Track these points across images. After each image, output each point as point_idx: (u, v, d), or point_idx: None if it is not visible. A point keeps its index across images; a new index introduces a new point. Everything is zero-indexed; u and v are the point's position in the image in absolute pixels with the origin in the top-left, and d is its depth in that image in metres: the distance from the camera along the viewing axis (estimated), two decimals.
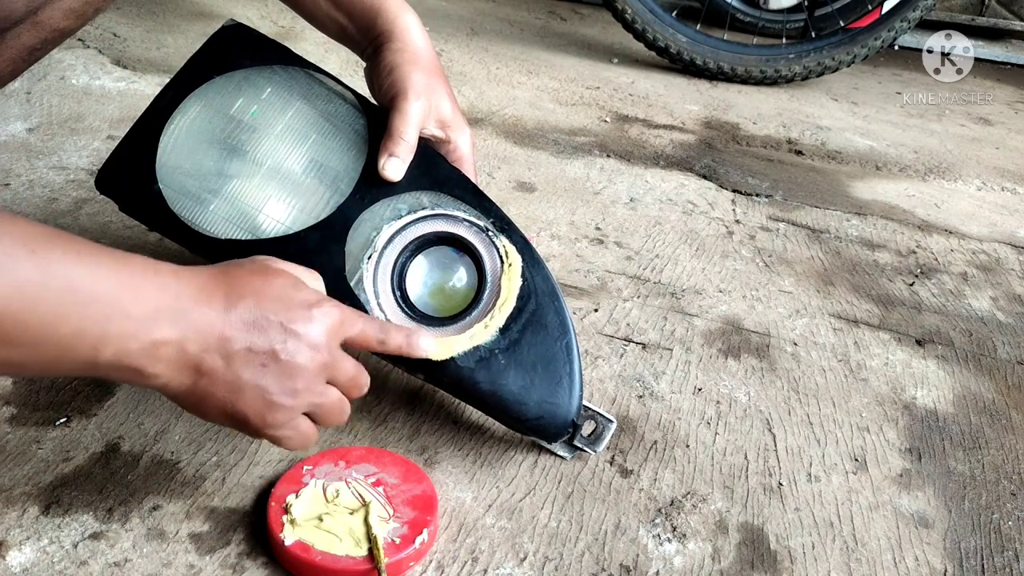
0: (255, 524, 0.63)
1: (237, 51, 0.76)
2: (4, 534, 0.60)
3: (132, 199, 0.73)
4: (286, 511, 0.61)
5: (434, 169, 0.74)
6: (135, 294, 0.49)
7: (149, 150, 0.73)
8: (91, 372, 0.49)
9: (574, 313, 0.96)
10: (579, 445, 0.72)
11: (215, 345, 0.52)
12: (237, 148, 0.72)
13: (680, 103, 1.84)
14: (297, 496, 0.62)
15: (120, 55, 1.67)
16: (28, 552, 0.59)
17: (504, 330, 0.69)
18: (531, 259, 0.72)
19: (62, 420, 0.71)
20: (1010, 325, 1.04)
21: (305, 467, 0.66)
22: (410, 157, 0.72)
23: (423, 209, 0.72)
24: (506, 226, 0.73)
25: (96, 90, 1.47)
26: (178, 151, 0.73)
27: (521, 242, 0.72)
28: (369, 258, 0.70)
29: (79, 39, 1.70)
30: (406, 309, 0.70)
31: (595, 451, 0.72)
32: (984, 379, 0.92)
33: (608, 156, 1.47)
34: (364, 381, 0.61)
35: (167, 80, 0.75)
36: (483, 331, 0.69)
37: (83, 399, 0.74)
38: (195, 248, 0.73)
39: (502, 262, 0.71)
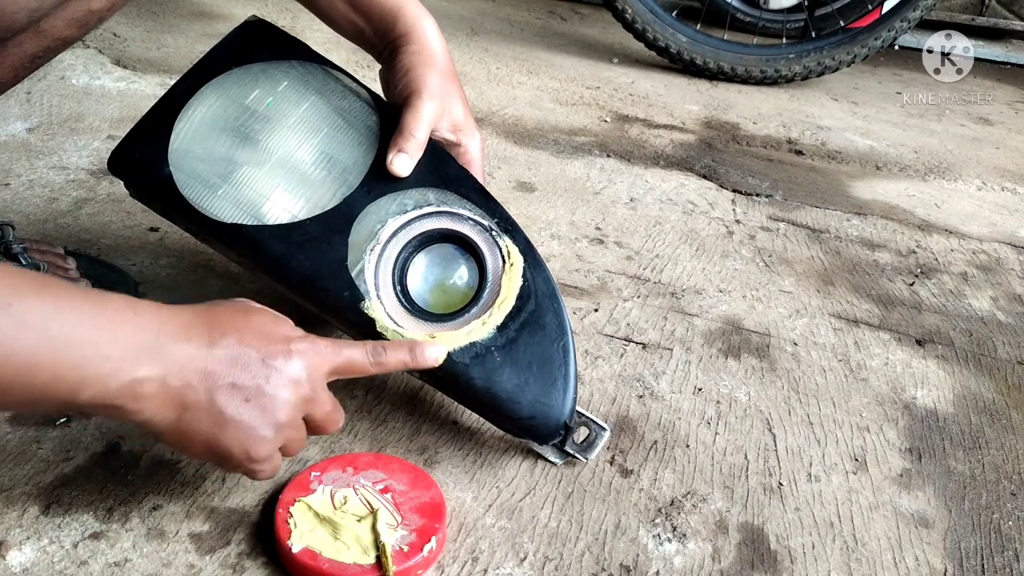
0: (256, 524, 0.63)
1: (257, 44, 0.77)
2: (4, 534, 0.60)
3: (142, 181, 0.74)
4: (293, 517, 0.61)
5: (442, 167, 0.74)
6: (113, 334, 0.49)
7: (163, 134, 0.74)
8: (73, 411, 0.50)
9: (574, 313, 0.96)
10: (570, 451, 0.71)
11: (198, 380, 0.53)
12: (250, 136, 0.73)
13: (680, 103, 1.84)
14: (305, 502, 0.62)
15: (120, 55, 1.67)
16: (28, 552, 0.59)
17: (502, 328, 0.69)
18: (533, 260, 0.72)
19: (62, 420, 0.71)
20: (1010, 325, 1.04)
21: (313, 473, 0.65)
22: (419, 154, 0.72)
23: (429, 206, 0.72)
24: (510, 227, 0.73)
25: (96, 90, 1.47)
26: (191, 136, 0.74)
27: (524, 243, 0.72)
28: (372, 250, 0.70)
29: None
30: (405, 303, 0.70)
31: (586, 458, 0.71)
32: (984, 379, 0.92)
33: (608, 156, 1.47)
34: (339, 417, 0.62)
35: (167, 80, 0.76)
36: (480, 328, 0.69)
37: None
38: (200, 232, 0.74)
39: (504, 261, 0.71)
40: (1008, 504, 0.74)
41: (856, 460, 0.77)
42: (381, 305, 0.70)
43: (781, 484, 0.73)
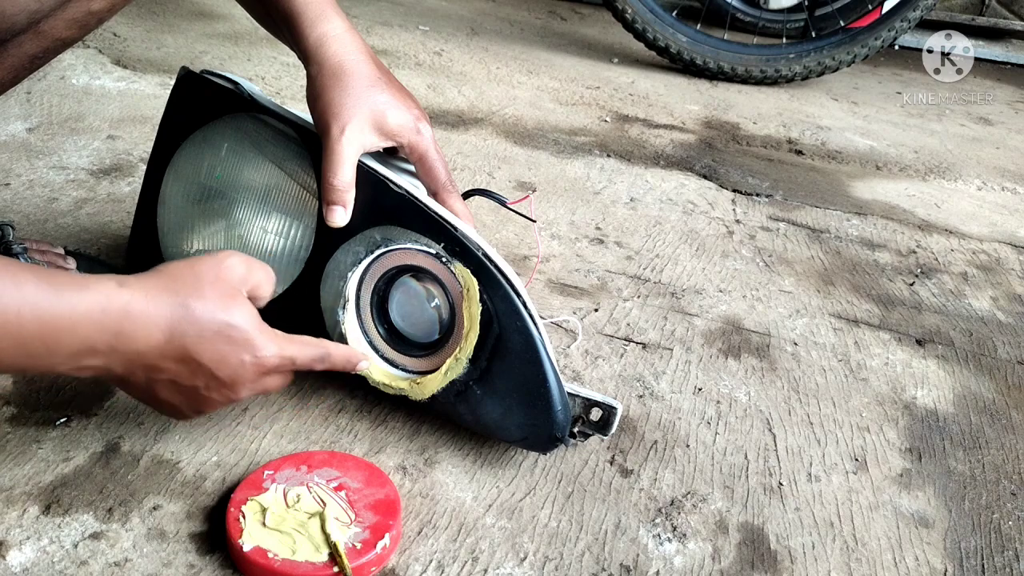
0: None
1: (191, 109, 0.79)
2: (4, 534, 0.60)
3: None
4: (244, 516, 0.61)
5: (379, 198, 0.70)
6: (72, 332, 0.52)
7: (152, 231, 0.80)
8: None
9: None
10: (589, 433, 0.71)
11: (141, 368, 0.57)
12: (215, 220, 0.77)
13: (680, 103, 1.84)
14: (257, 501, 0.62)
15: (120, 55, 1.67)
16: (28, 552, 0.59)
17: (474, 360, 0.69)
18: (488, 280, 0.68)
19: (62, 420, 0.71)
20: (1010, 325, 1.04)
21: (266, 472, 0.65)
22: (350, 198, 0.69)
23: (378, 247, 0.71)
24: (459, 248, 0.68)
25: (96, 90, 1.47)
26: (173, 232, 0.80)
27: (476, 263, 0.68)
28: (344, 309, 0.72)
29: None
30: (399, 346, 0.73)
31: (604, 436, 0.71)
32: (984, 379, 0.92)
33: (608, 156, 1.47)
34: (284, 382, 0.66)
35: (167, 80, 0.77)
36: (456, 364, 0.69)
37: (83, 399, 0.74)
38: None
39: (460, 286, 0.69)
40: (1008, 504, 0.74)
41: (856, 460, 0.77)
42: (379, 357, 0.73)
43: (781, 484, 0.73)
